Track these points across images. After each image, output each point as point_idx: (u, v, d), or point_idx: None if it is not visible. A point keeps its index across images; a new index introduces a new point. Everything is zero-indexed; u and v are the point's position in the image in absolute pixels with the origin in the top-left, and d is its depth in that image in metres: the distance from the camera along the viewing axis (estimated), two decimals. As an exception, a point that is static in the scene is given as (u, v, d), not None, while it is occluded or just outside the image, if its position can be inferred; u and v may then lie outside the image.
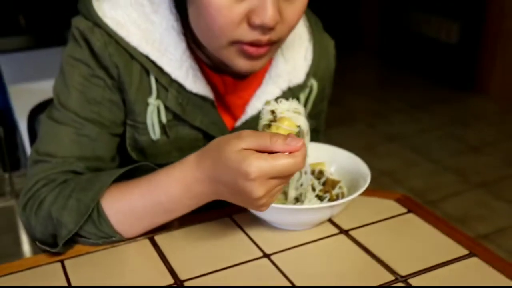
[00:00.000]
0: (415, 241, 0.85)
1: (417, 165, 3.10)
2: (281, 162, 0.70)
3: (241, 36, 0.80)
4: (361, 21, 4.86)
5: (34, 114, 1.25)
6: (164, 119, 0.92)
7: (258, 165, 0.69)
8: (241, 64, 0.85)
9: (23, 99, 2.60)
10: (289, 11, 0.81)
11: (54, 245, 0.83)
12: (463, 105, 3.90)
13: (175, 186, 0.80)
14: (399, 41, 4.57)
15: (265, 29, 0.79)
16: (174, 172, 0.80)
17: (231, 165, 0.71)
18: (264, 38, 0.80)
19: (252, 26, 0.79)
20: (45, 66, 2.96)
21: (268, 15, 0.77)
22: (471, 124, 3.61)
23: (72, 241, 0.84)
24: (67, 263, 0.82)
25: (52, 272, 0.80)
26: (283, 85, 0.98)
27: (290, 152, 0.70)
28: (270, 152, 0.70)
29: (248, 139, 0.72)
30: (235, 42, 0.81)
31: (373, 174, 0.88)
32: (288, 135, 0.70)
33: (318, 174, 0.90)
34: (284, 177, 0.72)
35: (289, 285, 0.75)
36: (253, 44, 0.81)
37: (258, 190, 0.70)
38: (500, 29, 3.82)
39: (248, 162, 0.69)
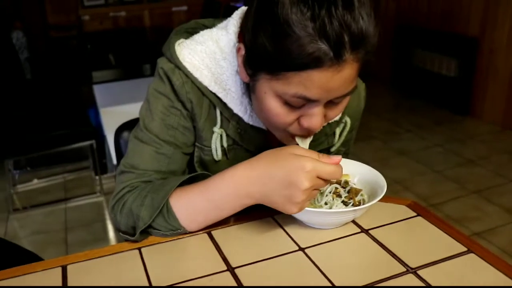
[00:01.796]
0: (422, 240, 0.82)
1: (423, 175, 3.03)
2: (329, 167, 0.74)
3: (292, 130, 0.79)
4: (377, 58, 4.82)
5: (119, 132, 1.27)
6: (225, 144, 0.92)
7: (313, 162, 0.73)
8: (289, 141, 0.84)
9: (110, 118, 2.66)
10: (332, 112, 0.79)
11: (134, 235, 0.84)
12: (461, 126, 3.80)
13: (226, 184, 0.79)
14: (408, 74, 4.50)
15: (311, 130, 0.78)
16: (226, 174, 0.80)
17: (289, 161, 0.74)
18: (309, 134, 0.80)
19: (300, 126, 0.78)
20: (128, 93, 3.03)
21: (314, 123, 0.76)
22: (467, 142, 3.52)
23: (147, 232, 0.85)
24: (143, 250, 0.82)
25: (131, 257, 0.80)
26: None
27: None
28: None
29: (301, 149, 0.76)
30: (286, 131, 0.81)
31: (387, 182, 0.86)
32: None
33: (344, 184, 0.88)
34: (325, 181, 0.75)
35: (319, 273, 0.74)
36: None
37: (306, 182, 0.72)
38: (489, 65, 3.74)
39: (305, 159, 0.73)
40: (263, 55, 0.72)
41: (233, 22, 0.87)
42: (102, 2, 5.19)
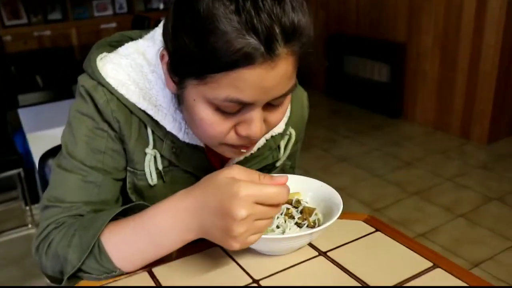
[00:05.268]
0: (385, 257, 0.75)
1: (365, 180, 3.03)
2: (269, 189, 0.62)
3: (230, 141, 0.70)
4: (311, 65, 4.85)
5: (44, 159, 1.15)
6: (160, 166, 0.81)
7: (247, 186, 0.61)
8: (231, 154, 0.75)
9: (39, 144, 2.47)
10: (274, 116, 0.71)
11: (63, 280, 0.72)
12: (396, 130, 3.87)
13: (163, 217, 0.69)
14: (342, 81, 4.55)
15: (251, 139, 0.69)
16: (162, 205, 0.70)
17: (222, 187, 0.62)
18: (251, 143, 0.71)
19: (239, 135, 0.69)
20: (57, 116, 2.83)
21: (253, 130, 0.67)
22: (403, 145, 3.58)
23: (77, 277, 0.73)
24: (74, 298, 0.70)
25: (59, 308, 0.68)
26: (267, 135, 0.88)
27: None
28: None
29: (240, 171, 0.64)
30: (225, 144, 0.71)
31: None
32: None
33: (296, 203, 0.80)
34: (269, 206, 0.63)
35: (278, 308, 0.65)
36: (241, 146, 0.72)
37: (241, 210, 0.60)
38: (418, 69, 3.84)
39: (238, 183, 0.61)
40: (187, 58, 0.63)
41: (159, 32, 0.77)
42: (25, 21, 4.91)
